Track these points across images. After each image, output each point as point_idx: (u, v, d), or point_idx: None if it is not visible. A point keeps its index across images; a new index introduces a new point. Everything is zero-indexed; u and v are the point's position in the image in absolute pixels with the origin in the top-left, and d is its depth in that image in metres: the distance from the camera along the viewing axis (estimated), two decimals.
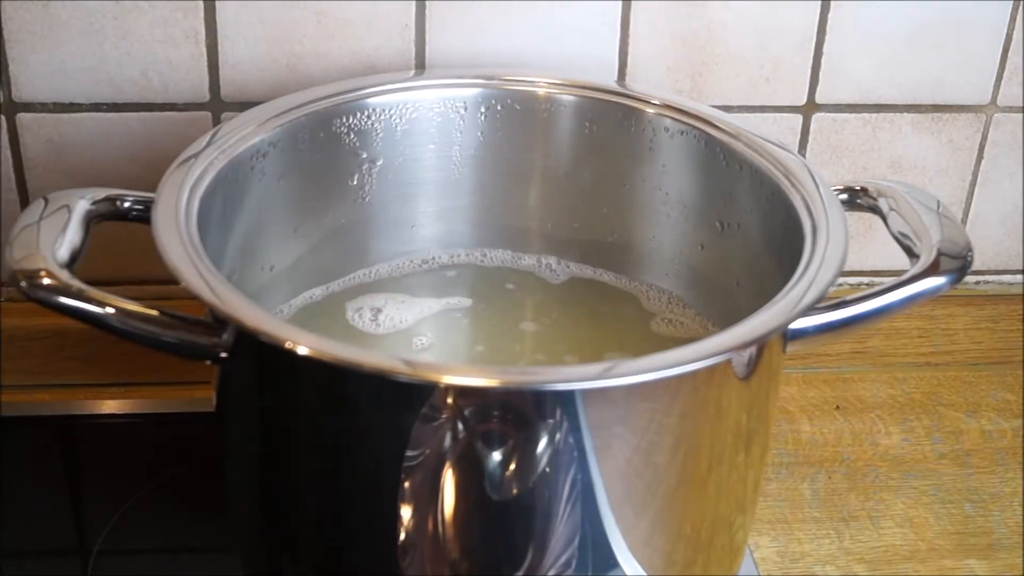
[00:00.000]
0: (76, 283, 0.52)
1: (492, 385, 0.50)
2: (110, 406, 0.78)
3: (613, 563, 0.55)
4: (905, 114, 0.82)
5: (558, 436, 0.51)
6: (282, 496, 0.58)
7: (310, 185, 0.69)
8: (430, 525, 0.54)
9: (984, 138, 0.83)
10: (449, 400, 0.50)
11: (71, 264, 0.54)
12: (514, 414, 0.51)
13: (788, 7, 0.78)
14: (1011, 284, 0.89)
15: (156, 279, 0.75)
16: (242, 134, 0.64)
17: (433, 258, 0.74)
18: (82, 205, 0.57)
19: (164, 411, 0.78)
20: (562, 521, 0.53)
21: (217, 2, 0.74)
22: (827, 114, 0.82)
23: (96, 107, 0.76)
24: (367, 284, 0.72)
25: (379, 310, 0.71)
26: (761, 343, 0.54)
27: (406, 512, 0.54)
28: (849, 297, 0.57)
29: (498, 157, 0.72)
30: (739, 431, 0.57)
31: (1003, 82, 0.82)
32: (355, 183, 0.70)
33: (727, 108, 0.77)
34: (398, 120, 0.70)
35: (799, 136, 0.82)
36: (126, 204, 0.60)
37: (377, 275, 0.73)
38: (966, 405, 0.83)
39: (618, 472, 0.53)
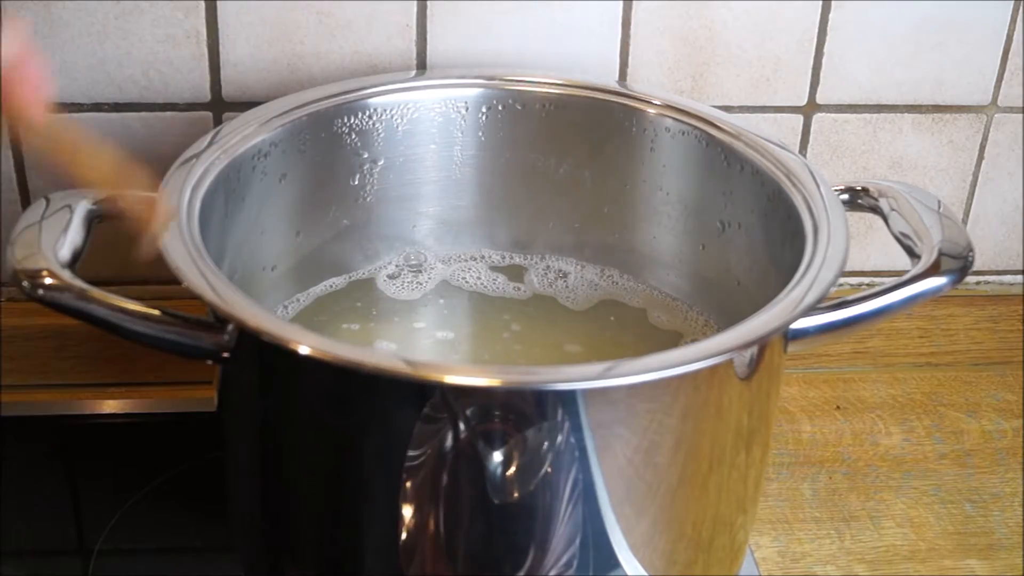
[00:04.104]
0: (78, 283, 0.52)
1: (493, 385, 0.50)
2: (110, 406, 0.78)
3: (614, 563, 0.55)
4: (906, 114, 0.82)
5: (559, 436, 0.51)
6: (283, 496, 0.58)
7: (311, 185, 0.69)
8: (431, 525, 0.54)
9: (985, 138, 0.83)
10: (450, 400, 0.50)
11: (73, 264, 0.54)
12: (515, 414, 0.51)
13: (789, 7, 0.78)
14: (1011, 284, 0.89)
15: (158, 279, 0.75)
16: (243, 134, 0.64)
17: (434, 258, 0.74)
18: (84, 205, 0.57)
19: (164, 411, 0.78)
20: (563, 521, 0.53)
21: (218, 2, 0.74)
22: (828, 114, 0.82)
23: (97, 107, 0.76)
24: (367, 283, 0.72)
25: (381, 307, 0.71)
26: (762, 343, 0.54)
27: (407, 512, 0.54)
28: (850, 297, 0.57)
29: (499, 157, 0.72)
30: (740, 431, 0.57)
31: (1004, 83, 0.82)
32: (356, 183, 0.71)
33: (728, 108, 0.77)
34: (399, 120, 0.70)
35: (800, 136, 0.82)
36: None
37: (378, 274, 0.73)
38: (966, 405, 0.83)
39: (619, 472, 0.53)
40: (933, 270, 0.57)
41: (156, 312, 0.53)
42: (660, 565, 0.57)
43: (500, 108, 0.71)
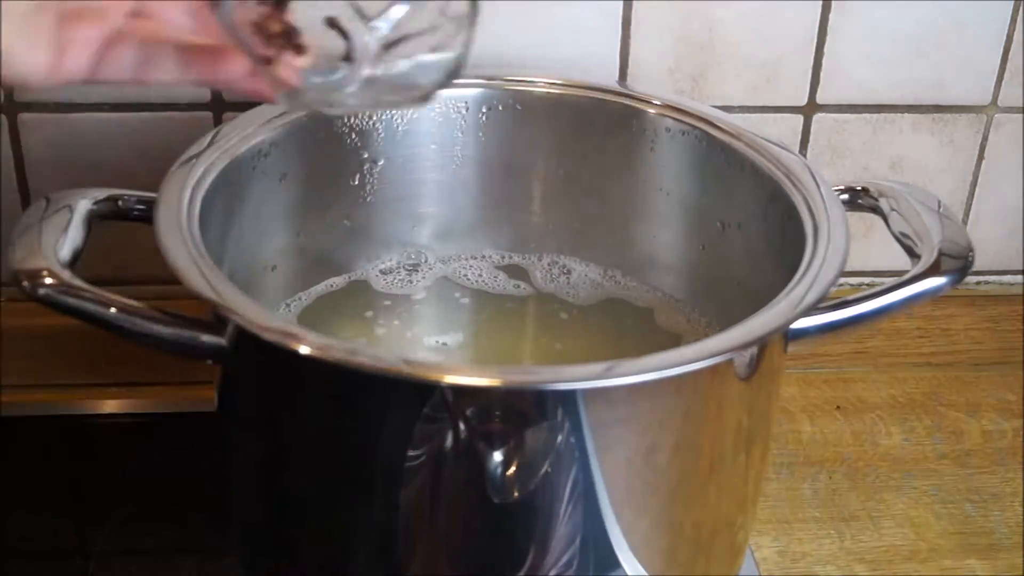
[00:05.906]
0: (78, 283, 0.52)
1: (493, 385, 0.50)
2: (110, 406, 0.78)
3: (614, 563, 0.55)
4: (906, 114, 0.82)
5: (559, 436, 0.51)
6: (283, 496, 0.58)
7: (312, 185, 0.69)
8: (431, 525, 0.54)
9: (985, 139, 0.83)
10: (450, 400, 0.50)
11: (73, 264, 0.54)
12: (515, 414, 0.51)
13: (789, 7, 0.78)
14: (1011, 284, 0.89)
15: (158, 279, 0.74)
16: (243, 134, 0.64)
17: (434, 258, 0.74)
18: (84, 205, 0.57)
19: (164, 411, 0.78)
20: (563, 521, 0.53)
21: None
22: (828, 114, 0.82)
23: (97, 107, 0.76)
24: (368, 282, 0.72)
25: (381, 307, 0.71)
26: (762, 343, 0.54)
27: (407, 512, 0.54)
28: (850, 297, 0.57)
29: (499, 157, 0.72)
30: (740, 431, 0.57)
31: (1004, 83, 0.82)
32: (356, 183, 0.70)
33: (728, 108, 0.77)
34: (399, 120, 0.70)
35: (800, 136, 0.82)
36: (128, 204, 0.60)
37: (378, 273, 0.73)
38: (967, 405, 0.83)
39: (619, 472, 0.53)
40: (933, 270, 0.57)
41: (156, 312, 0.53)
42: (660, 565, 0.57)
43: (500, 108, 0.71)
